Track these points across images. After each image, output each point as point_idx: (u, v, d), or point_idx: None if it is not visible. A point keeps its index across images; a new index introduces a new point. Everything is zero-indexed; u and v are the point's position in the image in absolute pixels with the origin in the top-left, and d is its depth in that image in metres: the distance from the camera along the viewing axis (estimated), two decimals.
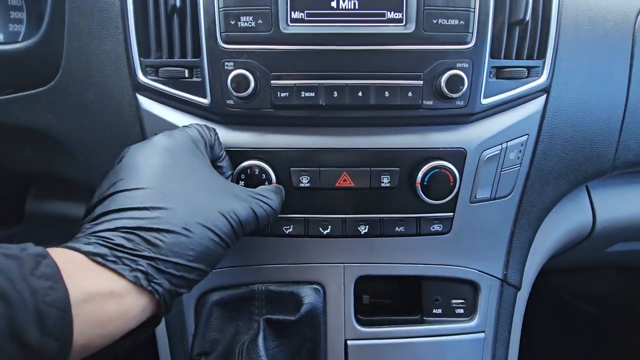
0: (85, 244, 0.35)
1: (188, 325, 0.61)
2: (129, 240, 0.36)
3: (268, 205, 0.48)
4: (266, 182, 0.53)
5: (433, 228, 0.58)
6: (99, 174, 0.61)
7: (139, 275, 0.36)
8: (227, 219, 0.42)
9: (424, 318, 0.63)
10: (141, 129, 0.57)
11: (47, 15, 0.56)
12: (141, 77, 0.55)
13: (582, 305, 1.30)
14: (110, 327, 0.34)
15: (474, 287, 0.63)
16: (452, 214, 0.58)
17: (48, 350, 0.29)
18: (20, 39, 0.66)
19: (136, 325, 0.37)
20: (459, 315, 0.63)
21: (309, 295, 0.57)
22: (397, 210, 0.57)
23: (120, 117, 0.57)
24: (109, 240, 0.36)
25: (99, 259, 0.34)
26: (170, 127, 0.55)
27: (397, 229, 0.57)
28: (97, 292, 0.33)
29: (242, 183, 0.54)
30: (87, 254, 0.34)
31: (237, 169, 0.54)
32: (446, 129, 0.56)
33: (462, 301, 0.63)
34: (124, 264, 0.35)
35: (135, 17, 0.54)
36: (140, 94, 0.56)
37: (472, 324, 0.62)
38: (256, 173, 0.53)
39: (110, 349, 0.36)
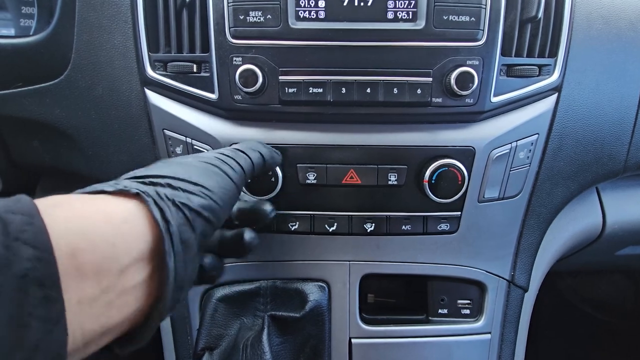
0: None
1: (193, 321, 0.61)
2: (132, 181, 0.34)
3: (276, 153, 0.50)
4: (272, 178, 0.53)
5: (440, 227, 0.57)
6: (107, 168, 0.62)
7: (125, 183, 0.32)
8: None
9: (430, 318, 0.62)
10: (149, 123, 0.57)
11: (57, 9, 0.57)
12: (150, 71, 0.55)
13: (591, 310, 1.28)
14: (95, 233, 0.28)
15: (480, 287, 0.62)
16: (459, 213, 0.57)
17: (21, 257, 0.24)
18: (31, 34, 0.67)
19: (125, 237, 0.30)
20: (465, 315, 0.62)
21: (314, 293, 0.57)
22: (403, 209, 0.56)
23: (128, 111, 0.57)
24: None
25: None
26: (177, 121, 0.56)
27: (403, 227, 0.57)
28: (67, 198, 0.29)
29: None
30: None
31: None
32: (455, 127, 0.55)
33: (469, 302, 0.62)
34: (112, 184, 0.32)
35: (145, 12, 0.54)
36: (148, 89, 0.56)
37: (478, 324, 0.62)
38: None
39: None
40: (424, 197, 0.55)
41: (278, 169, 0.53)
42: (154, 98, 0.56)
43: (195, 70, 0.54)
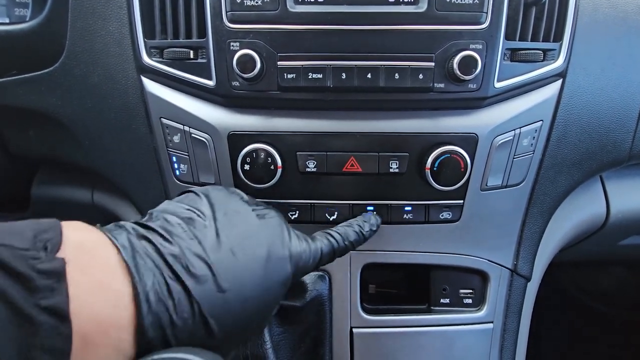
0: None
1: None
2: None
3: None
4: (271, 166, 0.52)
5: (442, 216, 0.56)
6: (104, 157, 0.61)
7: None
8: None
9: (431, 307, 0.62)
10: (146, 112, 0.56)
11: None
12: (146, 58, 0.54)
13: (592, 302, 1.28)
14: (107, 321, 0.30)
15: (483, 277, 0.62)
16: (462, 201, 0.56)
17: (40, 323, 0.26)
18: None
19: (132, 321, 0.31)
20: (467, 305, 0.61)
21: (314, 282, 0.56)
22: (405, 197, 0.55)
23: (124, 100, 0.56)
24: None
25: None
26: (175, 109, 0.55)
27: (405, 216, 0.56)
28: (94, 258, 0.31)
29: (247, 167, 0.53)
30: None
31: (241, 152, 0.52)
32: (458, 113, 0.54)
33: (471, 291, 0.62)
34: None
35: None
36: (144, 76, 0.55)
37: (481, 314, 0.61)
38: (262, 157, 0.52)
39: None
40: (426, 185, 0.54)
41: (277, 157, 0.52)
42: (151, 86, 0.55)
43: (192, 56, 0.52)
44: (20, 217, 0.77)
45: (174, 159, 0.57)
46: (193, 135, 0.55)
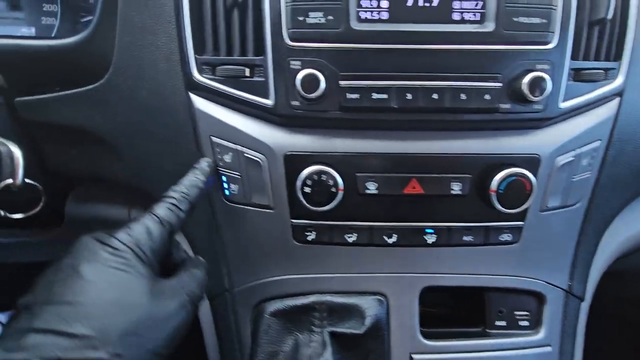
0: None
1: (243, 336, 0.58)
2: None
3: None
4: (333, 189, 0.51)
5: (502, 238, 0.55)
6: (148, 175, 0.59)
7: None
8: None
9: (487, 330, 0.60)
10: (194, 129, 0.54)
11: (98, 8, 0.53)
12: (197, 75, 0.52)
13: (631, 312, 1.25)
14: None
15: (538, 298, 0.60)
16: (522, 223, 0.55)
17: None
18: (54, 34, 0.63)
19: None
20: (524, 327, 0.60)
21: (372, 307, 0.55)
22: (465, 219, 0.54)
23: (172, 116, 0.54)
24: None
25: None
26: (226, 128, 0.53)
27: (464, 238, 0.54)
28: None
29: (306, 189, 0.51)
30: None
31: (301, 174, 0.51)
32: (518, 133, 0.53)
33: (526, 313, 0.60)
34: None
35: (191, 12, 0.51)
36: (193, 93, 0.53)
37: (539, 337, 0.60)
38: (323, 179, 0.50)
39: None
40: (486, 207, 0.52)
41: (339, 179, 0.51)
42: (200, 103, 0.53)
43: (247, 74, 0.51)
44: (54, 234, 0.75)
45: (224, 178, 0.55)
46: (246, 155, 0.53)
